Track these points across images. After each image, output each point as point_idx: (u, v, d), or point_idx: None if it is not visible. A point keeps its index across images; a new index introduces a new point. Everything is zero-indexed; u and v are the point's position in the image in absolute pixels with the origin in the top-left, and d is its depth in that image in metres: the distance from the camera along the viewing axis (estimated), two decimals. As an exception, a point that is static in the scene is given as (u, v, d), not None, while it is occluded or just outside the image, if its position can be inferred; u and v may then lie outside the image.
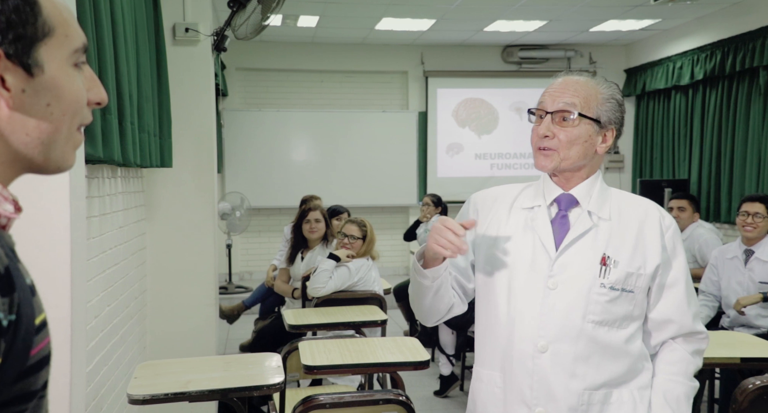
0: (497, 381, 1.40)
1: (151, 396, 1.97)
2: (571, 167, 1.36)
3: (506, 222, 1.41)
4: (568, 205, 1.39)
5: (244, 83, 7.95)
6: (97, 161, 2.03)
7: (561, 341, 1.32)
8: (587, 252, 1.34)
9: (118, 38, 2.21)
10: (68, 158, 0.72)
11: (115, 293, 2.58)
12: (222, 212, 6.65)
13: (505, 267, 1.38)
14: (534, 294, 1.35)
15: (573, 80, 1.37)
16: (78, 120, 0.71)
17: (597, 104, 1.34)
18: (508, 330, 1.37)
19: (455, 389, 4.09)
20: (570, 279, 1.33)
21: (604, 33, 7.49)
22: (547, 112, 1.35)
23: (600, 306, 1.32)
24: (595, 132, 1.35)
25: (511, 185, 1.50)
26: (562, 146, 1.33)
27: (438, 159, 8.21)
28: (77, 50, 0.70)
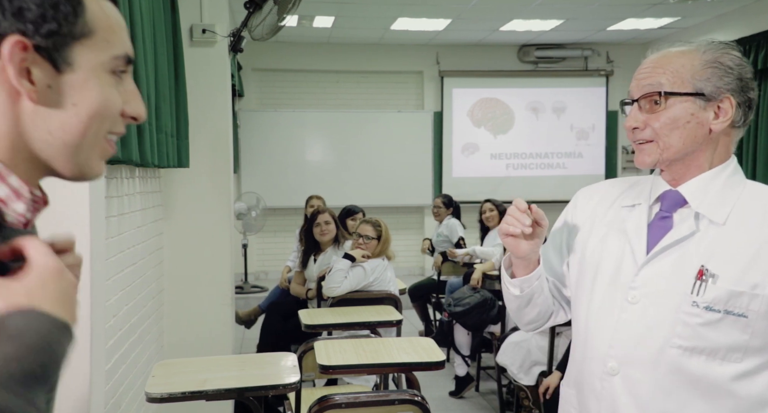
0: (573, 401, 1.24)
1: (168, 394, 1.99)
2: (677, 156, 1.10)
3: (601, 222, 1.21)
4: (673, 205, 1.14)
5: (260, 84, 7.99)
6: (115, 161, 2.05)
7: (635, 365, 1.11)
8: (682, 263, 1.09)
9: (137, 40, 2.23)
10: (94, 166, 0.71)
11: (132, 292, 2.60)
12: (238, 212, 6.69)
13: (590, 274, 1.19)
14: (612, 307, 1.14)
15: (661, 55, 1.12)
16: (107, 127, 0.70)
17: (693, 74, 1.08)
18: (583, 346, 1.19)
19: (470, 390, 4.08)
20: (655, 293, 1.10)
21: (622, 32, 7.42)
22: (633, 100, 1.13)
23: (690, 330, 1.06)
24: (700, 108, 1.08)
25: (622, 179, 1.28)
26: (659, 134, 1.09)
27: (453, 159, 8.19)
28: (117, 57, 0.70)
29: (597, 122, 8.22)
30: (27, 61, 0.63)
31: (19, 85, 0.63)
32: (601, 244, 1.19)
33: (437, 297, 5.04)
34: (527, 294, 1.25)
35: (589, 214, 1.25)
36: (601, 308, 1.16)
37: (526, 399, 3.21)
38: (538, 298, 1.26)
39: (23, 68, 0.63)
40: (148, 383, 2.07)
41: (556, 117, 8.20)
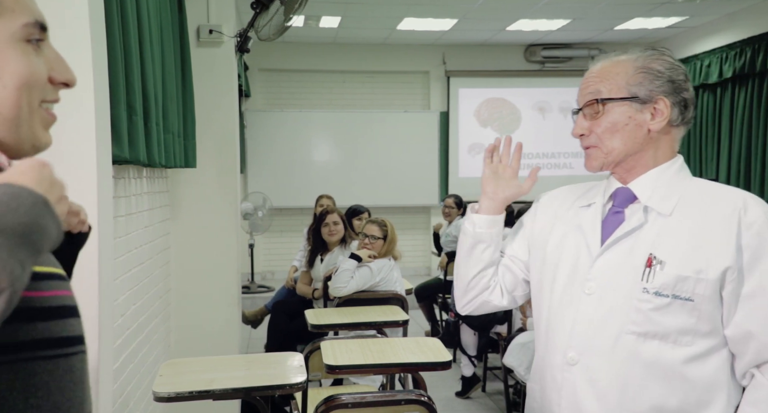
0: (536, 396, 1.29)
1: (176, 393, 1.99)
2: (620, 157, 1.19)
3: (561, 222, 1.29)
4: (624, 200, 1.21)
5: (267, 84, 8.01)
6: (123, 161, 2.06)
7: (593, 354, 1.16)
8: (632, 253, 1.16)
9: (144, 40, 2.24)
10: (40, 136, 0.71)
11: (140, 292, 2.61)
12: (244, 212, 6.70)
13: (551, 271, 1.26)
14: (570, 300, 1.21)
15: (600, 66, 1.22)
16: (38, 96, 0.70)
17: (627, 80, 1.17)
18: (545, 340, 1.25)
19: (477, 390, 4.07)
20: (609, 283, 1.17)
21: (630, 31, 7.39)
22: (578, 109, 1.24)
23: (643, 315, 1.12)
24: (637, 110, 1.16)
25: (580, 184, 1.37)
26: (602, 139, 1.19)
27: (460, 159, 8.18)
28: (27, 25, 0.69)
29: (604, 121, 8.19)
30: None
31: None
32: (561, 242, 1.27)
33: (443, 297, 5.04)
34: (477, 236, 1.32)
35: (550, 216, 1.33)
36: (561, 303, 1.23)
37: (532, 399, 3.20)
38: (487, 250, 1.33)
39: None
40: (156, 382, 2.08)
41: (562, 117, 8.17)
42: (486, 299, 1.37)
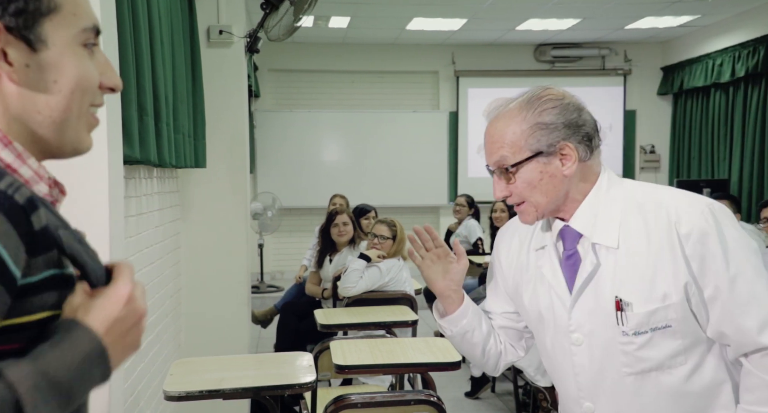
0: None
1: (186, 393, 2.00)
2: (550, 207, 1.19)
3: (526, 269, 1.29)
4: (573, 239, 1.21)
5: (276, 84, 8.03)
6: (134, 161, 2.07)
7: (605, 399, 1.19)
8: (600, 298, 1.16)
9: (155, 41, 2.25)
10: (83, 140, 0.72)
11: (151, 291, 2.63)
12: (254, 212, 6.72)
13: (536, 324, 1.28)
14: (563, 353, 1.23)
15: (492, 130, 1.23)
16: (88, 100, 0.71)
17: (525, 140, 1.17)
18: (558, 389, 1.29)
19: (486, 390, 4.06)
20: (591, 333, 1.18)
21: (640, 30, 7.35)
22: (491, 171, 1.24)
23: (632, 356, 1.15)
24: (545, 163, 1.16)
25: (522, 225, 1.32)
26: (524, 196, 1.19)
27: (469, 159, 8.17)
28: (86, 30, 0.69)
29: (615, 121, 8.15)
30: (1, 42, 0.63)
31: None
32: (534, 296, 1.26)
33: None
34: (458, 333, 1.32)
35: (513, 263, 1.32)
36: (556, 355, 1.25)
37: (544, 400, 3.19)
38: (473, 337, 1.33)
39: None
40: (166, 381, 2.09)
41: (572, 117, 8.14)
42: (507, 361, 1.39)
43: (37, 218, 0.59)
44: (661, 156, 8.18)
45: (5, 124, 0.66)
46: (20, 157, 0.67)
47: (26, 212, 0.58)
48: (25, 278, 0.58)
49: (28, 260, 0.58)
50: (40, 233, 0.60)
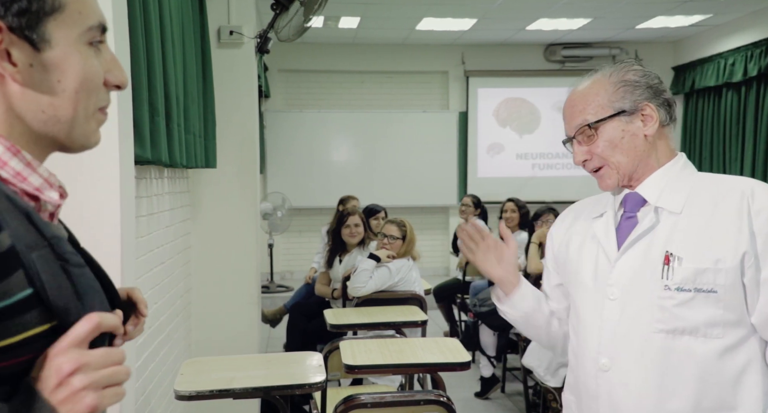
0: (572, 407, 1.30)
1: (196, 392, 2.01)
2: (631, 168, 1.21)
3: (575, 235, 1.33)
4: (635, 205, 1.24)
5: (286, 85, 8.05)
6: (145, 161, 2.08)
7: (625, 358, 1.17)
8: (649, 253, 1.17)
9: (166, 42, 2.26)
10: (91, 136, 0.71)
11: (161, 291, 2.64)
12: (264, 212, 6.74)
13: (574, 282, 1.29)
14: (595, 308, 1.22)
15: (575, 96, 1.26)
16: (94, 98, 0.70)
17: (609, 98, 1.21)
18: (576, 350, 1.28)
19: (496, 391, 4.05)
20: (630, 286, 1.18)
21: (651, 30, 7.30)
22: (571, 138, 1.26)
23: (668, 312, 1.13)
24: (627, 122, 1.20)
25: (588, 198, 1.39)
26: (606, 158, 1.21)
27: (478, 159, 8.15)
28: (92, 28, 0.68)
29: (625, 121, 8.11)
30: (4, 42, 0.63)
31: (2, 68, 0.63)
32: (578, 254, 1.30)
33: (462, 298, 5.02)
34: (521, 316, 1.35)
35: (564, 233, 1.36)
36: (587, 311, 1.25)
37: (554, 401, 3.17)
38: (534, 319, 1.36)
39: (2, 50, 0.63)
40: (177, 381, 2.10)
41: (583, 117, 8.10)
42: None
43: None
44: (673, 156, 8.13)
45: (8, 126, 0.65)
46: (30, 165, 0.66)
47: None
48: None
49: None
50: (3, 256, 0.58)
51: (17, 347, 0.59)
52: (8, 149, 0.65)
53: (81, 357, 0.61)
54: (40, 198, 0.68)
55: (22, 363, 0.60)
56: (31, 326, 0.60)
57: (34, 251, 0.61)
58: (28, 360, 0.60)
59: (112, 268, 1.63)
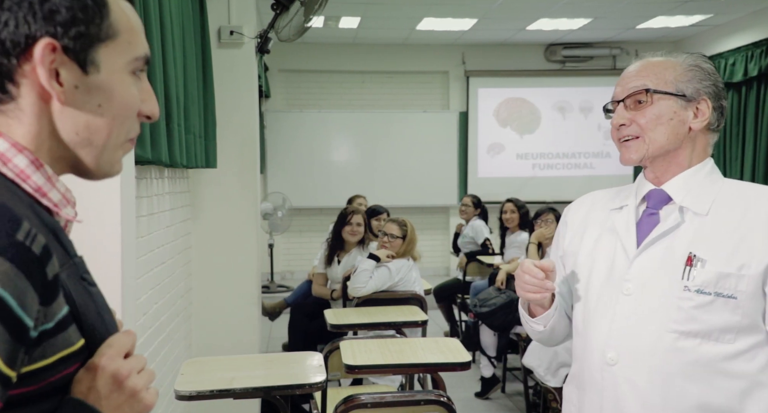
0: (573, 399, 1.27)
1: (197, 392, 2.01)
2: (661, 152, 1.17)
3: (592, 227, 1.28)
4: (659, 202, 1.20)
5: (286, 85, 8.05)
6: (145, 161, 2.08)
7: (633, 353, 1.14)
8: (671, 252, 1.14)
9: (167, 42, 2.27)
10: (115, 165, 0.73)
11: (162, 291, 2.64)
12: (264, 212, 6.74)
13: (585, 273, 1.25)
14: (607, 301, 1.19)
15: (643, 63, 1.23)
16: (127, 127, 0.71)
17: (676, 77, 1.18)
18: (582, 343, 1.24)
19: (497, 391, 4.05)
20: (648, 283, 1.15)
21: (652, 30, 7.30)
22: (618, 101, 1.21)
23: (685, 313, 1.11)
24: (682, 107, 1.17)
25: (607, 189, 1.35)
26: (644, 130, 1.17)
27: (479, 159, 8.15)
28: (138, 59, 0.71)
29: (625, 121, 8.10)
30: (56, 62, 0.64)
31: (50, 87, 0.64)
32: (594, 245, 1.25)
33: (462, 298, 5.02)
34: (549, 328, 1.30)
35: (580, 222, 1.31)
36: (598, 304, 1.21)
37: (554, 401, 3.17)
38: (559, 327, 1.32)
39: (52, 70, 0.64)
40: (177, 381, 2.10)
41: (583, 117, 8.10)
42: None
43: (51, 267, 0.60)
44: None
45: (38, 141, 0.66)
46: (50, 180, 0.67)
47: (42, 263, 0.59)
48: (42, 326, 0.59)
49: (44, 309, 0.59)
50: (53, 282, 0.60)
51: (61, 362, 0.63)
52: (32, 163, 0.66)
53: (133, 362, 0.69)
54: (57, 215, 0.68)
55: (64, 377, 0.64)
56: (71, 341, 0.63)
57: (63, 269, 0.63)
58: (68, 374, 0.64)
59: (112, 268, 1.63)
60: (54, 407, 0.63)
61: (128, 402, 0.67)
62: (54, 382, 0.62)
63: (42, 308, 0.59)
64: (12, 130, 0.65)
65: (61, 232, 0.67)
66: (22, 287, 0.56)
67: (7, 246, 0.56)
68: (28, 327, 0.57)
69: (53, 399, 0.63)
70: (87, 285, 0.68)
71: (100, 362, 0.66)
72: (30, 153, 0.66)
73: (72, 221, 0.71)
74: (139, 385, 0.68)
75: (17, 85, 0.64)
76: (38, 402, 0.61)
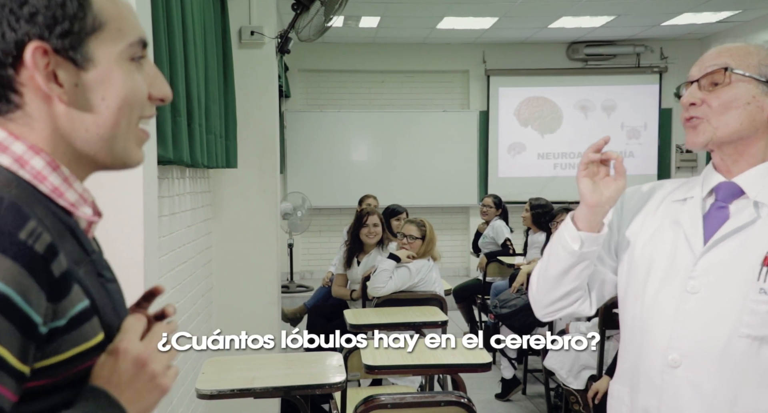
0: (624, 399, 1.19)
1: (218, 391, 2.02)
2: (730, 137, 1.09)
3: (653, 217, 1.18)
4: (729, 195, 1.11)
5: (306, 84, 8.08)
6: (167, 162, 2.09)
7: (699, 356, 1.07)
8: (745, 251, 1.06)
9: (188, 43, 2.28)
10: (133, 154, 0.72)
11: (183, 290, 2.66)
12: (284, 212, 6.77)
13: (643, 268, 1.16)
14: (669, 298, 1.11)
15: (725, 46, 1.15)
16: (137, 113, 0.71)
17: (759, 60, 1.09)
18: (639, 341, 1.16)
19: (517, 393, 4.02)
20: (718, 282, 1.07)
21: (677, 27, 7.18)
22: (692, 81, 1.13)
23: (759, 318, 1.03)
24: (762, 93, 1.08)
25: (671, 180, 1.27)
26: (713, 113, 1.09)
27: (499, 159, 8.10)
28: (132, 44, 0.70)
29: (649, 120, 7.99)
30: (51, 64, 0.64)
31: (49, 89, 0.64)
32: (654, 238, 1.16)
33: (483, 298, 4.99)
34: (582, 256, 1.15)
35: (639, 210, 1.21)
36: (658, 301, 1.13)
37: (576, 403, 3.14)
38: (587, 268, 1.18)
39: (49, 72, 0.64)
40: (198, 380, 2.11)
41: (606, 116, 8.00)
42: (575, 310, 1.26)
43: (58, 265, 0.60)
44: (698, 155, 7.99)
45: (53, 145, 0.67)
46: (67, 180, 0.68)
47: (46, 260, 0.59)
48: (53, 323, 0.60)
49: (53, 306, 0.60)
50: (61, 279, 0.61)
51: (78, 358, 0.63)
52: (48, 164, 0.66)
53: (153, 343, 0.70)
54: (74, 214, 0.69)
55: (80, 371, 0.64)
56: (90, 336, 0.64)
57: (80, 266, 0.65)
58: (85, 368, 0.65)
59: (135, 267, 1.65)
60: (69, 399, 0.63)
61: (147, 387, 0.68)
62: (70, 376, 0.63)
63: (50, 305, 0.59)
64: (25, 137, 0.66)
65: (78, 230, 0.67)
66: (27, 285, 0.57)
67: (10, 245, 0.57)
68: (36, 323, 0.58)
69: (69, 391, 0.63)
70: (105, 282, 0.69)
71: (121, 345, 0.67)
72: (47, 155, 0.66)
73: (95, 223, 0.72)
74: (158, 369, 0.69)
75: (20, 94, 0.65)
76: (53, 395, 0.62)
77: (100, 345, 0.66)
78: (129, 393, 0.66)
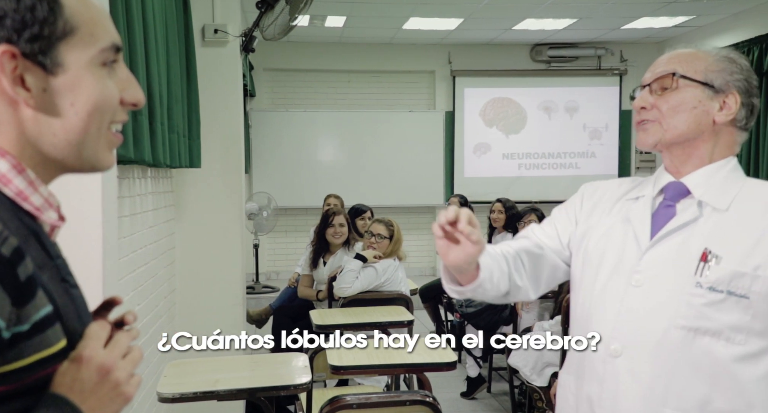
0: (571, 387, 1.24)
1: (180, 394, 1.99)
2: (678, 139, 1.14)
3: (606, 214, 1.24)
4: (677, 195, 1.17)
5: (272, 84, 8.01)
6: (128, 161, 2.05)
7: (639, 346, 1.12)
8: (685, 246, 1.12)
9: (149, 40, 2.24)
10: (102, 158, 0.71)
11: (144, 292, 2.61)
12: (249, 212, 6.70)
13: (594, 262, 1.21)
14: (615, 292, 1.16)
15: (676, 52, 1.21)
16: (108, 118, 0.70)
17: (706, 67, 1.15)
18: (584, 331, 1.19)
19: (482, 391, 4.06)
20: (659, 276, 1.12)
21: (636, 30, 7.36)
22: (645, 86, 1.19)
23: (695, 310, 1.08)
24: (708, 97, 1.13)
25: (628, 178, 1.32)
26: (664, 115, 1.14)
27: (465, 159, 8.17)
28: (104, 49, 0.69)
29: (610, 121, 8.16)
30: (18, 68, 0.63)
31: (15, 93, 0.63)
32: (607, 234, 1.22)
33: (448, 298, 5.02)
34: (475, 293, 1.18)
35: (593, 206, 1.28)
36: (604, 293, 1.18)
37: (539, 400, 3.19)
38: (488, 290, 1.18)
39: (16, 76, 0.63)
40: (160, 383, 2.07)
41: (568, 117, 8.14)
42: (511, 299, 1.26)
43: (24, 269, 0.59)
44: (657, 156, 8.19)
45: (20, 148, 0.66)
46: (32, 184, 0.66)
47: (13, 264, 0.58)
48: (16, 328, 0.59)
49: (17, 311, 0.59)
50: (27, 284, 0.60)
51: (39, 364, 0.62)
52: (14, 167, 0.65)
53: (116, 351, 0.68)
54: (39, 218, 0.68)
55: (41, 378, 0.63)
56: (52, 342, 0.63)
57: (44, 271, 0.63)
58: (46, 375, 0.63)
59: (94, 269, 1.61)
60: (29, 406, 0.62)
61: (110, 395, 0.66)
62: (31, 383, 0.62)
63: (14, 310, 0.58)
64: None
65: (42, 235, 0.66)
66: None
67: None
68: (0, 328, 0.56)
69: (27, 398, 0.62)
70: (69, 287, 0.68)
71: (85, 352, 0.65)
72: (12, 157, 0.65)
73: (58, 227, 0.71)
74: (122, 377, 0.67)
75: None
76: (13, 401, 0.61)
77: (63, 352, 0.64)
78: (91, 401, 0.64)
